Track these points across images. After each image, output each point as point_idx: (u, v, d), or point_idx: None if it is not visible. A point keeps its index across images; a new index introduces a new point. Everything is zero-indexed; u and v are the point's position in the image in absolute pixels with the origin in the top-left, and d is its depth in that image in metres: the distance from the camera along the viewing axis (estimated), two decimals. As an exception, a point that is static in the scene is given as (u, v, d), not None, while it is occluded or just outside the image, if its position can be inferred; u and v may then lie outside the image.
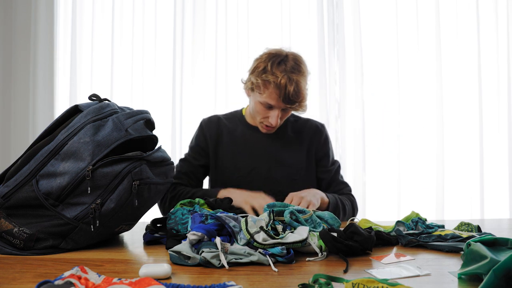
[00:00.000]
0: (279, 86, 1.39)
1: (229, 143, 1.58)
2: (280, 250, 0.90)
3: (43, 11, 2.63)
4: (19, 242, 0.97)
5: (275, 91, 1.40)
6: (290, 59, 1.45)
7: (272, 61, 1.43)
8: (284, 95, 1.39)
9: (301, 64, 1.47)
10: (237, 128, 1.60)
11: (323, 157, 1.62)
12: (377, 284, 0.68)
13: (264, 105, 1.45)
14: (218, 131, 1.60)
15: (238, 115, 1.65)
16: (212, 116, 1.66)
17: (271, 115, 1.45)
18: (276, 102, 1.42)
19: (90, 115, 1.02)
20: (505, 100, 2.67)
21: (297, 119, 1.66)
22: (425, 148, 2.67)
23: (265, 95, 1.43)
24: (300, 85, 1.41)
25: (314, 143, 1.61)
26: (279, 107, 1.44)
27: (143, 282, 0.68)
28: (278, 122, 1.46)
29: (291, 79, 1.39)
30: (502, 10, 2.67)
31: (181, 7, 2.68)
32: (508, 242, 0.83)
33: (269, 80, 1.40)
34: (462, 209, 2.65)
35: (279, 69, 1.41)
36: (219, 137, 1.59)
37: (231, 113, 1.68)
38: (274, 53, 1.47)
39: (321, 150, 1.62)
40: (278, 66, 1.42)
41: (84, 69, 2.70)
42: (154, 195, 1.10)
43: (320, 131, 1.64)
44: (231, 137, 1.59)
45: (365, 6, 2.69)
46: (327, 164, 1.62)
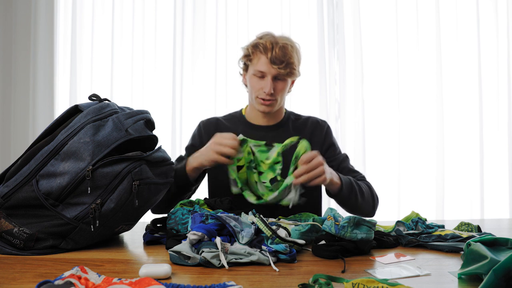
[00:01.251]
0: (265, 47, 1.46)
1: None
2: (284, 248, 0.91)
3: (43, 11, 2.64)
4: (19, 242, 0.97)
5: (263, 55, 1.47)
6: (279, 35, 1.54)
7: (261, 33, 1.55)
8: (271, 57, 1.45)
9: (290, 39, 1.55)
10: (238, 128, 1.59)
11: (328, 148, 1.60)
12: (377, 284, 0.68)
13: (257, 75, 1.49)
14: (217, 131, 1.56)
15: (238, 115, 1.65)
16: (211, 118, 1.66)
17: (264, 84, 1.48)
18: (265, 66, 1.46)
19: (90, 115, 1.02)
20: (505, 100, 2.67)
21: (298, 117, 1.66)
22: (425, 148, 2.67)
23: (255, 62, 1.49)
24: (287, 47, 1.47)
25: (315, 139, 1.60)
26: (270, 72, 1.47)
27: (143, 282, 0.68)
28: (271, 90, 1.47)
29: (277, 42, 1.47)
30: (502, 10, 2.67)
31: (181, 7, 2.68)
32: (508, 242, 0.83)
33: (257, 44, 1.49)
34: (462, 209, 2.65)
35: (266, 36, 1.51)
36: None
37: (230, 114, 1.68)
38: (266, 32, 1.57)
39: (325, 143, 1.61)
40: (266, 34, 1.53)
41: (84, 69, 2.70)
42: (154, 195, 1.10)
43: (320, 125, 1.64)
44: None
45: (365, 6, 2.69)
46: (333, 154, 1.60)
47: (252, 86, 1.52)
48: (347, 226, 0.97)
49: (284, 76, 1.49)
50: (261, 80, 1.49)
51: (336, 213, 1.02)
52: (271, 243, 0.94)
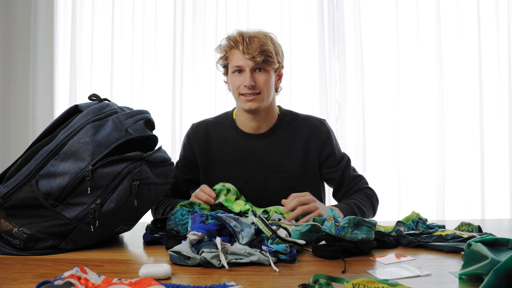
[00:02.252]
0: (236, 42, 1.41)
1: (220, 153, 1.50)
2: (285, 248, 0.91)
3: (43, 11, 2.63)
4: (19, 242, 0.97)
5: (236, 49, 1.41)
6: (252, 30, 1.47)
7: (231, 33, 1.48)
8: (243, 48, 1.39)
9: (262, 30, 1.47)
10: (228, 136, 1.51)
11: (327, 158, 1.51)
12: (378, 285, 0.68)
13: (236, 71, 1.43)
14: (207, 140, 1.52)
15: (229, 119, 1.55)
16: (200, 123, 1.56)
17: (243, 78, 1.41)
18: (241, 59, 1.40)
19: (90, 115, 1.02)
20: (506, 100, 2.67)
21: (294, 118, 1.54)
22: (425, 148, 2.66)
23: (231, 59, 1.44)
24: (259, 37, 1.41)
25: (313, 145, 1.50)
26: (247, 65, 1.40)
27: (143, 283, 0.68)
28: (251, 82, 1.39)
29: (245, 34, 1.42)
30: (503, 9, 2.67)
31: (181, 7, 2.68)
32: (508, 242, 0.83)
33: (228, 43, 1.44)
34: (462, 209, 2.64)
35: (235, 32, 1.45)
36: (208, 147, 1.51)
37: (221, 116, 1.59)
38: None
39: (324, 151, 1.51)
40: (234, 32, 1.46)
41: (84, 69, 2.70)
42: (154, 195, 1.10)
43: (318, 129, 1.52)
44: (222, 146, 1.51)
45: (365, 6, 2.68)
46: (333, 164, 1.51)
47: (233, 84, 1.45)
48: (347, 227, 0.97)
49: (263, 65, 1.40)
50: (240, 76, 1.42)
51: (336, 214, 1.02)
52: (271, 243, 0.94)
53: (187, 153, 1.54)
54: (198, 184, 1.52)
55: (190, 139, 1.54)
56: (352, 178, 1.53)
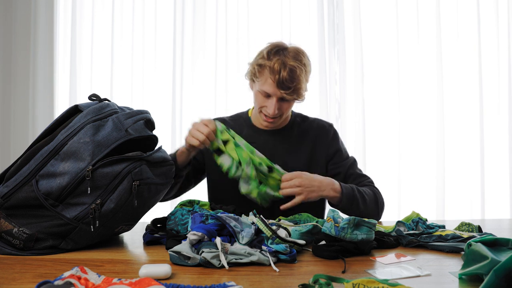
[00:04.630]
0: (273, 70, 1.39)
1: None
2: (285, 248, 0.91)
3: (43, 11, 2.63)
4: (18, 242, 0.97)
5: (270, 76, 1.40)
6: (291, 50, 1.45)
7: (271, 49, 1.45)
8: (278, 80, 1.39)
9: (301, 55, 1.45)
10: (243, 130, 1.57)
11: (334, 154, 1.58)
12: (378, 285, 0.68)
13: (262, 94, 1.45)
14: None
15: (244, 116, 1.63)
16: (219, 118, 1.64)
17: (269, 104, 1.45)
18: (272, 88, 1.41)
19: (90, 115, 1.02)
20: (506, 100, 2.67)
21: (304, 120, 1.63)
22: (425, 148, 2.66)
23: (261, 82, 1.43)
24: (295, 71, 1.40)
25: (320, 143, 1.57)
26: (275, 94, 1.42)
27: (143, 283, 0.68)
28: (275, 111, 1.44)
29: (285, 64, 1.39)
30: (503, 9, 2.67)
31: (181, 7, 2.68)
32: (508, 242, 0.83)
33: (264, 64, 1.42)
34: (462, 209, 2.65)
35: (275, 56, 1.42)
36: None
37: (237, 115, 1.66)
38: (276, 43, 1.48)
39: (331, 148, 1.58)
40: (276, 53, 1.43)
41: (84, 69, 2.70)
42: (154, 195, 1.10)
43: (326, 130, 1.61)
44: None
45: (365, 6, 2.69)
46: (340, 160, 1.57)
47: (257, 101, 1.49)
48: (347, 228, 0.97)
49: (290, 99, 1.45)
50: (267, 99, 1.45)
51: (336, 215, 1.02)
52: (271, 243, 0.94)
53: None
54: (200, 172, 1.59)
55: None
56: (358, 176, 1.56)
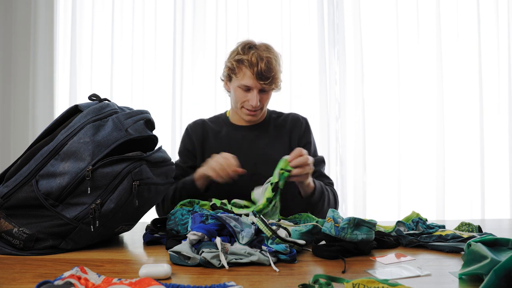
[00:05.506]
0: (251, 63, 1.47)
1: (215, 144, 1.60)
2: (285, 248, 0.91)
3: (43, 11, 2.63)
4: (18, 242, 0.97)
5: (249, 70, 1.47)
6: (261, 45, 1.54)
7: (243, 46, 1.53)
8: (257, 72, 1.46)
9: (271, 48, 1.54)
10: (222, 129, 1.64)
11: (304, 146, 1.61)
12: (378, 285, 0.68)
13: (242, 89, 1.51)
14: (204, 134, 1.63)
15: (223, 117, 1.69)
16: (197, 120, 1.69)
17: (250, 97, 1.51)
18: (252, 81, 1.48)
19: (90, 115, 1.02)
20: (506, 100, 2.67)
21: (279, 115, 1.69)
22: (425, 148, 2.66)
23: (240, 76, 1.50)
24: (271, 62, 1.48)
25: (294, 134, 1.63)
26: (256, 87, 1.49)
27: (143, 283, 0.68)
28: (257, 103, 1.50)
29: (261, 57, 1.47)
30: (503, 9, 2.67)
31: (181, 7, 2.68)
32: (508, 242, 0.83)
33: (242, 59, 1.49)
34: (462, 209, 2.65)
35: (250, 50, 1.50)
36: (205, 139, 1.63)
37: (215, 116, 1.72)
38: (245, 41, 1.57)
39: (302, 139, 1.63)
40: (249, 48, 1.51)
41: (84, 69, 2.70)
42: (154, 195, 1.10)
43: (300, 122, 1.66)
44: (216, 138, 1.62)
45: (365, 6, 2.69)
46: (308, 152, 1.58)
47: (238, 97, 1.54)
48: (347, 228, 0.97)
49: (269, 87, 1.51)
50: (247, 93, 1.51)
51: (336, 215, 1.02)
52: (271, 243, 0.94)
53: (186, 145, 1.64)
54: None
55: (189, 132, 1.66)
56: (322, 175, 1.60)
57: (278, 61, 1.53)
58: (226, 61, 1.57)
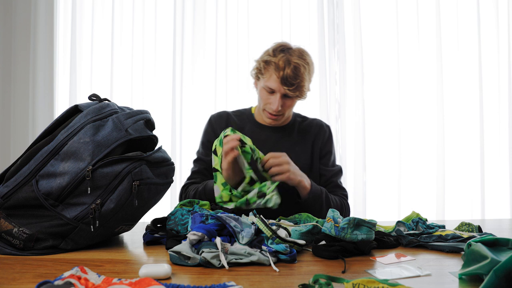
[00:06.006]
0: (278, 67, 1.45)
1: None
2: (285, 248, 0.91)
3: (43, 11, 2.63)
4: (18, 242, 0.97)
5: (275, 73, 1.45)
6: (295, 49, 1.51)
7: (276, 48, 1.51)
8: (282, 76, 1.44)
9: (305, 55, 1.51)
10: (246, 126, 1.61)
11: (325, 155, 1.62)
12: (378, 285, 0.68)
13: (266, 90, 1.50)
14: (228, 125, 1.60)
15: (247, 113, 1.66)
16: (222, 111, 1.67)
17: (272, 100, 1.49)
18: (276, 84, 1.46)
19: (90, 115, 1.02)
20: (506, 100, 2.67)
21: (304, 119, 1.68)
22: (425, 148, 2.67)
23: (266, 78, 1.48)
24: (299, 69, 1.45)
25: (317, 140, 1.62)
26: (279, 90, 1.47)
27: (143, 283, 0.68)
28: (279, 107, 1.48)
29: (289, 61, 1.44)
30: (503, 10, 2.67)
31: (181, 7, 2.68)
32: (509, 242, 0.83)
33: (269, 61, 1.47)
34: (462, 209, 2.65)
35: (280, 53, 1.48)
36: None
37: (239, 111, 1.69)
38: (282, 43, 1.54)
39: (324, 147, 1.62)
40: (281, 51, 1.48)
41: (84, 69, 2.70)
42: (154, 195, 1.10)
43: (324, 129, 1.65)
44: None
45: (365, 6, 2.69)
46: (328, 163, 1.61)
47: (262, 98, 1.53)
48: (347, 228, 0.97)
49: (293, 96, 1.49)
50: (270, 95, 1.50)
51: (336, 215, 1.02)
52: (271, 243, 0.94)
53: (210, 137, 1.60)
54: None
55: (212, 124, 1.63)
56: (337, 185, 1.59)
57: (308, 69, 1.49)
58: (257, 59, 1.56)
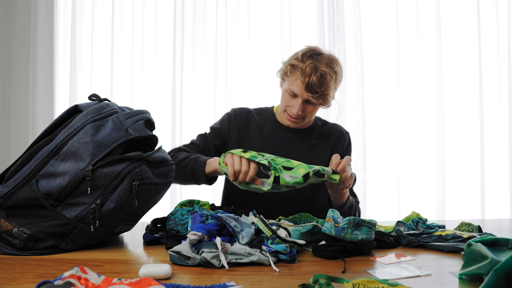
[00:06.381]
0: (304, 72, 1.41)
1: (257, 137, 1.57)
2: (285, 248, 0.91)
3: (43, 11, 2.63)
4: (18, 242, 0.97)
5: (300, 77, 1.42)
6: (325, 56, 1.48)
7: (305, 52, 1.47)
8: (307, 83, 1.41)
9: (334, 63, 1.47)
10: (266, 124, 1.60)
11: None
12: (378, 285, 0.68)
13: (289, 93, 1.47)
14: (247, 123, 1.60)
15: (269, 112, 1.65)
16: (244, 108, 1.66)
17: (294, 104, 1.47)
18: (299, 89, 1.43)
19: (90, 115, 1.02)
20: (506, 100, 2.67)
21: (324, 124, 1.67)
22: (425, 148, 2.67)
23: (291, 81, 1.46)
24: (326, 77, 1.42)
25: (337, 146, 1.62)
26: (302, 96, 1.44)
27: (143, 283, 0.68)
28: (299, 112, 1.46)
29: (317, 69, 1.41)
30: (503, 10, 2.67)
31: (181, 7, 2.68)
32: (508, 242, 0.83)
33: (296, 65, 1.44)
34: (462, 209, 2.65)
35: (309, 59, 1.44)
36: (247, 128, 1.59)
37: (261, 109, 1.68)
38: (313, 47, 1.51)
39: (344, 155, 1.61)
40: (310, 57, 1.45)
41: (84, 69, 2.70)
42: (154, 195, 1.10)
43: (344, 136, 1.66)
44: (259, 132, 1.58)
45: (365, 6, 2.69)
46: None
47: (284, 100, 1.52)
48: (347, 228, 0.97)
49: (316, 103, 1.47)
50: (293, 99, 1.48)
51: (336, 215, 1.02)
52: (271, 243, 0.94)
53: (223, 127, 1.59)
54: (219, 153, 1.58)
55: (231, 118, 1.61)
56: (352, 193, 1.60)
57: (335, 79, 1.46)
58: (284, 61, 1.53)
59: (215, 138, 1.58)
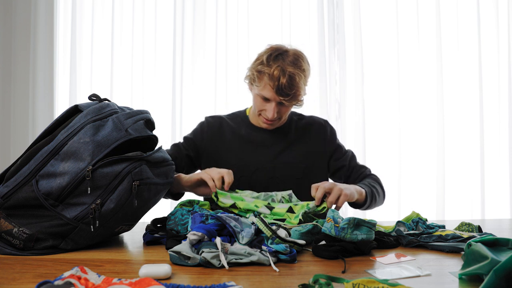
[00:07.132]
0: (272, 77, 1.40)
1: (233, 143, 1.57)
2: (285, 248, 0.91)
3: (43, 11, 2.63)
4: (18, 242, 0.97)
5: (269, 82, 1.41)
6: (290, 54, 1.45)
7: (270, 54, 1.44)
8: (277, 87, 1.40)
9: (300, 60, 1.45)
10: (241, 128, 1.60)
11: (335, 151, 1.62)
12: (378, 285, 0.68)
13: (261, 98, 1.47)
14: (221, 130, 1.59)
15: (242, 115, 1.64)
16: (216, 115, 1.66)
17: (267, 108, 1.47)
18: (271, 94, 1.43)
19: (90, 115, 1.02)
20: (506, 100, 2.67)
21: (301, 118, 1.66)
22: (425, 148, 2.66)
23: (261, 87, 1.44)
24: (295, 78, 1.40)
25: (317, 140, 1.61)
26: (274, 99, 1.44)
27: (143, 283, 0.68)
28: (274, 115, 1.46)
29: (284, 71, 1.39)
30: (503, 10, 2.67)
31: (181, 7, 2.68)
32: (509, 242, 0.83)
33: (263, 71, 1.42)
34: (462, 209, 2.65)
35: (275, 62, 1.42)
36: (222, 135, 1.59)
37: (234, 114, 1.67)
38: (275, 47, 1.48)
39: (331, 145, 1.62)
40: (275, 59, 1.43)
41: (84, 69, 2.70)
42: (154, 195, 1.10)
43: (323, 127, 1.64)
44: (234, 136, 1.58)
45: (365, 6, 2.69)
46: (341, 154, 1.62)
47: (256, 104, 1.51)
48: (347, 228, 0.97)
49: (289, 105, 1.48)
50: (265, 103, 1.47)
51: (336, 215, 1.02)
52: (271, 243, 0.94)
53: (196, 137, 1.59)
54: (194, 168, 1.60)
55: (204, 127, 1.61)
56: (360, 167, 1.62)
57: (304, 76, 1.45)
58: (249, 66, 1.51)
59: (188, 148, 1.57)
